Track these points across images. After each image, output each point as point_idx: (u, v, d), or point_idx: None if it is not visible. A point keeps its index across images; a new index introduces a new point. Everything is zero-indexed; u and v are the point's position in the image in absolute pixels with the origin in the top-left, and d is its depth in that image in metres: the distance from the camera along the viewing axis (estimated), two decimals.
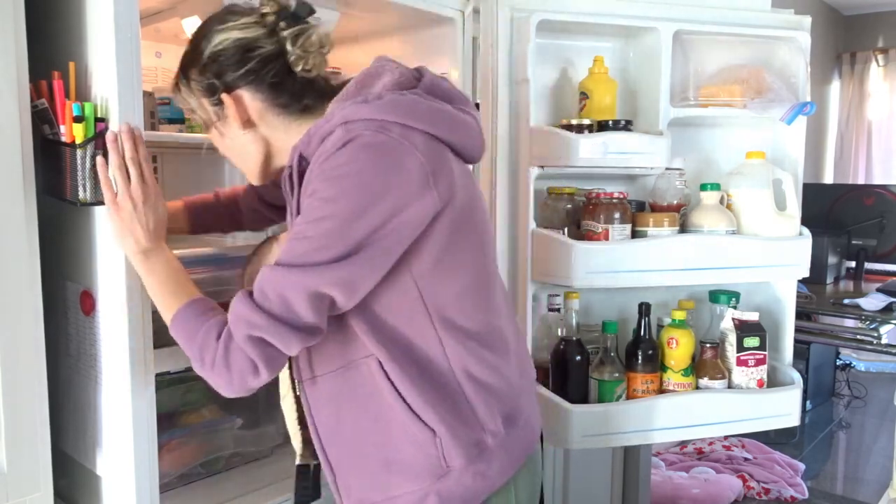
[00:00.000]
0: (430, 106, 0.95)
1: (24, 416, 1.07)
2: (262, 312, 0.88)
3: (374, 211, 0.87)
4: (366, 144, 0.89)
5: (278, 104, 1.03)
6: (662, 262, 1.53)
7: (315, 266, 0.87)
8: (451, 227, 0.94)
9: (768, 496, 3.01)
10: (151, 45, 1.67)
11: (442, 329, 0.96)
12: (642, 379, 1.58)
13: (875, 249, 3.23)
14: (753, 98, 1.62)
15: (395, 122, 0.91)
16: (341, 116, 0.93)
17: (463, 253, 0.97)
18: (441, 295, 0.96)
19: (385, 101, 0.93)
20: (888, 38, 5.14)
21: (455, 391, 0.97)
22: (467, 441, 0.96)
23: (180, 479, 1.39)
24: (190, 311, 0.98)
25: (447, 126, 0.96)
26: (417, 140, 0.91)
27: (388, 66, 1.01)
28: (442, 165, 0.93)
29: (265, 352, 0.90)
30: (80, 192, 1.07)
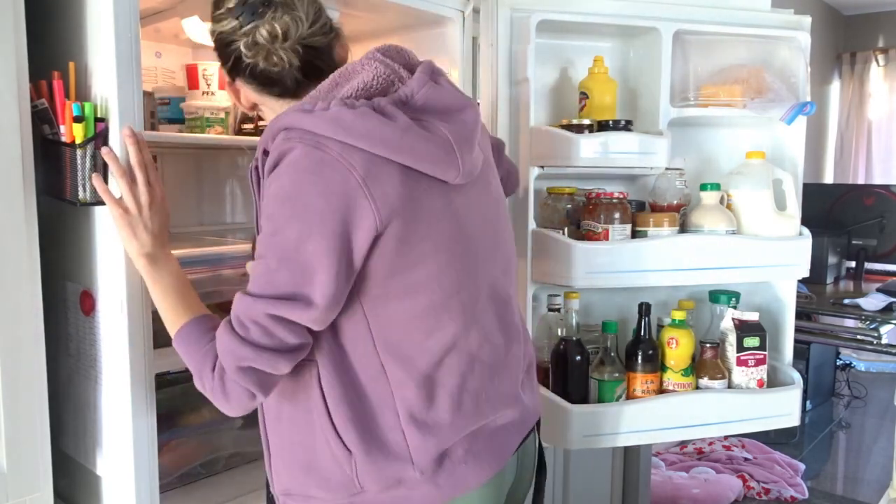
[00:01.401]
0: (377, 124, 0.89)
1: (24, 416, 1.07)
2: (246, 344, 0.89)
3: (315, 234, 0.86)
4: (299, 163, 0.87)
5: (271, 93, 1.03)
6: (662, 262, 1.53)
7: (278, 298, 0.88)
8: (398, 248, 0.90)
9: (768, 496, 3.01)
10: (151, 45, 1.68)
11: (387, 358, 0.94)
12: (642, 379, 1.58)
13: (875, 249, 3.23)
14: (753, 98, 1.62)
15: (332, 138, 0.87)
16: (286, 120, 0.91)
17: (416, 276, 0.93)
18: (388, 322, 0.94)
19: (327, 115, 0.88)
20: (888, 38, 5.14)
21: (387, 417, 0.95)
22: (385, 471, 0.95)
23: (180, 479, 1.39)
24: (191, 330, 0.98)
25: (393, 144, 0.89)
26: (356, 158, 0.87)
27: (370, 67, 0.95)
28: (383, 183, 0.88)
29: (257, 378, 0.90)
30: (80, 192, 1.07)
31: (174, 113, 1.56)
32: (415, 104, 0.95)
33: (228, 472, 1.46)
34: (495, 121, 1.57)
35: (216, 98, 1.53)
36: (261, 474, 1.46)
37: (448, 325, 0.97)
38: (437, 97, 0.97)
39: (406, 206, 0.90)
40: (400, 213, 0.89)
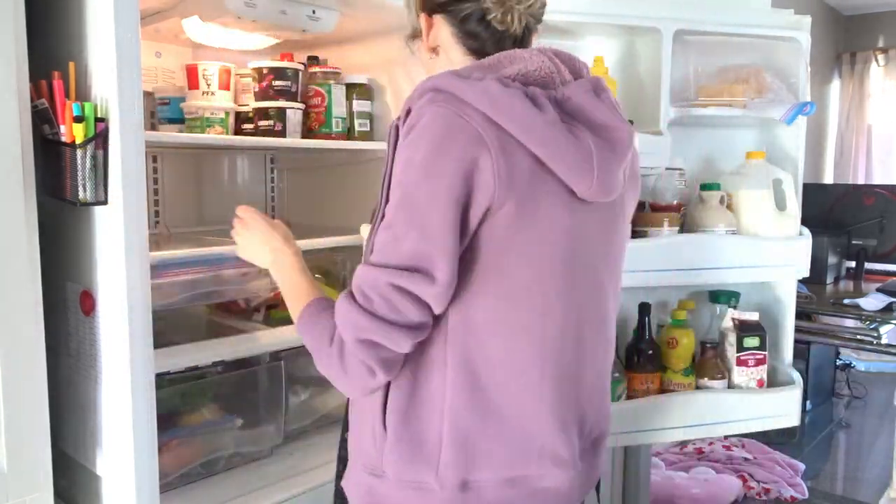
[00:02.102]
0: (524, 106, 0.86)
1: (24, 416, 1.07)
2: (368, 315, 0.86)
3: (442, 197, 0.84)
4: (438, 126, 0.85)
5: (467, 45, 0.99)
6: (662, 262, 1.53)
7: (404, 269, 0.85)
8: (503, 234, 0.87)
9: (768, 496, 3.00)
10: (151, 45, 1.67)
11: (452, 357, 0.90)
12: (642, 379, 1.58)
13: (875, 249, 3.23)
14: (753, 98, 1.62)
15: (475, 108, 0.85)
16: (436, 81, 0.89)
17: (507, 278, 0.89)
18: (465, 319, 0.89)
19: (479, 85, 0.87)
20: (888, 38, 5.14)
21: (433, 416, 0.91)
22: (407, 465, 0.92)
23: (180, 479, 1.39)
24: (307, 313, 0.97)
25: (533, 132, 0.86)
26: (492, 132, 0.85)
27: (536, 57, 0.93)
28: (512, 162, 0.85)
29: (378, 354, 0.87)
30: (80, 192, 1.07)
31: (174, 113, 1.56)
32: (569, 107, 0.91)
33: (228, 472, 1.46)
34: None
35: (216, 98, 1.53)
36: (261, 474, 1.46)
37: (524, 346, 0.91)
38: (594, 109, 0.92)
39: (525, 195, 0.87)
40: (517, 198, 0.86)
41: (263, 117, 1.58)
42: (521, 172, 0.86)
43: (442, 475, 0.91)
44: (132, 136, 1.10)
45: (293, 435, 1.60)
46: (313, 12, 1.49)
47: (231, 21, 1.45)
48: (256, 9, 1.39)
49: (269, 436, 1.53)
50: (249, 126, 1.62)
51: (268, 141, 1.61)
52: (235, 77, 1.58)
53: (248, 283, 1.44)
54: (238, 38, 1.58)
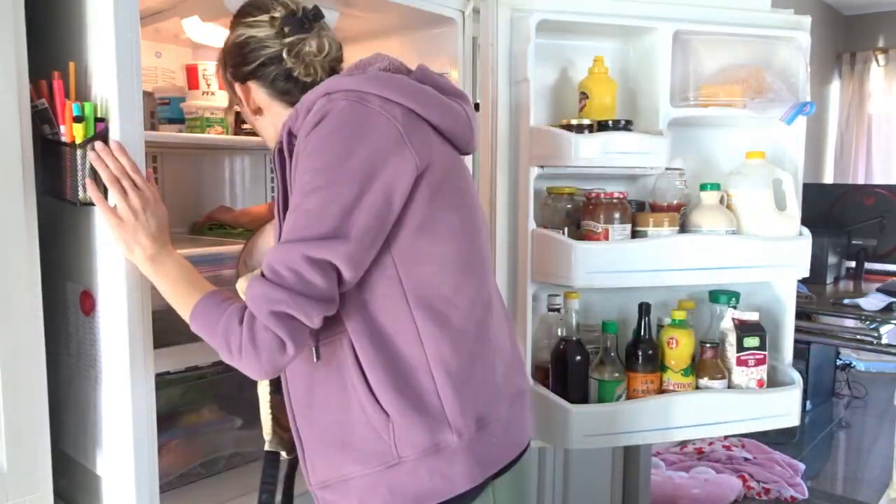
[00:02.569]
0: (413, 84, 0.99)
1: (24, 416, 1.07)
2: (280, 287, 0.89)
3: (358, 176, 0.91)
4: (343, 114, 0.93)
5: (284, 99, 1.10)
6: (662, 262, 1.53)
7: (317, 239, 0.89)
8: (430, 196, 0.96)
9: (768, 496, 3.00)
10: (151, 45, 1.67)
11: (419, 313, 0.96)
12: (642, 379, 1.58)
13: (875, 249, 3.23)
14: (753, 98, 1.62)
15: (374, 93, 0.95)
16: (324, 88, 0.98)
17: (442, 229, 0.98)
18: (418, 274, 0.96)
19: (368, 75, 0.98)
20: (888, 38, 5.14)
21: (423, 378, 0.96)
22: (423, 434, 0.95)
23: (180, 479, 1.39)
24: (208, 301, 0.98)
25: (429, 105, 0.99)
26: (396, 111, 0.95)
27: (382, 57, 1.06)
28: (419, 134, 0.96)
29: (289, 325, 0.90)
30: (80, 192, 1.07)
31: (174, 113, 1.56)
32: (428, 83, 1.03)
33: (228, 472, 1.46)
34: (495, 121, 1.57)
35: (216, 98, 1.53)
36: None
37: (472, 280, 1.02)
38: (445, 82, 1.07)
39: (436, 158, 0.98)
40: (432, 162, 0.96)
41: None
42: (427, 140, 0.97)
43: (455, 425, 0.96)
44: (132, 136, 1.10)
45: None
46: None
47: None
48: None
49: None
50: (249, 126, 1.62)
51: None
52: None
53: None
54: None
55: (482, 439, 0.99)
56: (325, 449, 1.00)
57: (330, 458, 1.00)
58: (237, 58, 1.10)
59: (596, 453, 2.25)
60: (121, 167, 1.06)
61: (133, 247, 1.05)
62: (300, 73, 1.07)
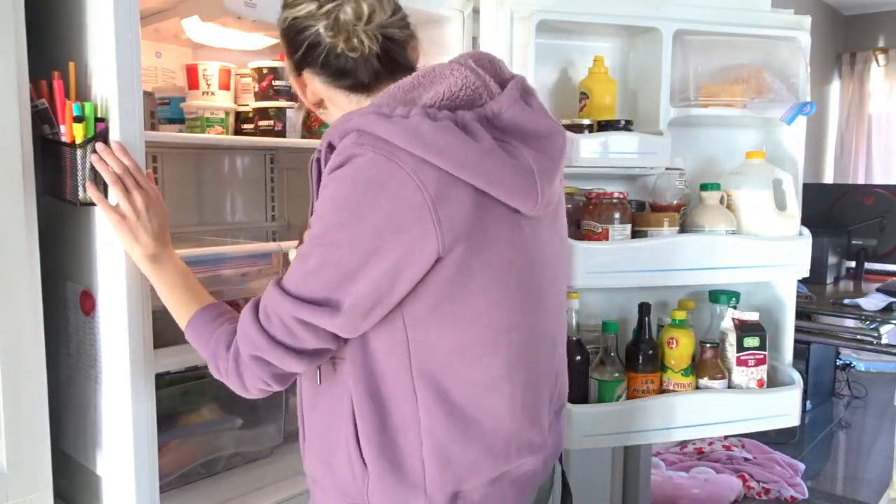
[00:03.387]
0: (458, 141, 0.82)
1: (24, 416, 1.07)
2: (265, 335, 0.87)
3: (364, 246, 0.81)
4: (366, 170, 0.81)
5: (342, 86, 0.96)
6: (662, 262, 1.53)
7: (309, 302, 0.84)
8: (457, 274, 0.84)
9: (768, 496, 3.00)
10: (151, 45, 1.67)
11: (421, 383, 0.88)
12: (642, 379, 1.58)
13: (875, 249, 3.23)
14: (753, 98, 1.62)
15: (406, 150, 0.81)
16: (359, 122, 0.85)
17: (469, 308, 0.87)
18: (429, 348, 0.88)
19: (406, 124, 0.82)
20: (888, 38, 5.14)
21: (410, 442, 0.90)
22: (396, 496, 0.91)
23: (180, 479, 1.39)
24: (202, 317, 0.98)
25: (471, 165, 0.82)
26: (428, 175, 0.81)
27: (458, 72, 0.88)
28: (453, 205, 0.82)
29: (270, 370, 0.89)
30: (80, 192, 1.07)
31: (174, 113, 1.56)
32: (501, 123, 0.88)
33: (228, 472, 1.46)
34: None
35: (216, 98, 1.53)
36: (261, 474, 1.46)
37: (493, 364, 0.90)
38: (526, 119, 0.90)
39: (473, 233, 0.84)
40: (465, 239, 0.83)
41: (263, 117, 1.58)
42: (463, 212, 0.83)
43: (431, 495, 0.91)
44: (132, 136, 1.10)
45: (293, 435, 1.59)
46: None
47: (231, 21, 1.44)
48: (256, 9, 1.39)
49: (269, 436, 1.53)
50: (249, 126, 1.62)
51: (268, 141, 1.61)
52: (235, 77, 1.58)
53: (248, 283, 1.44)
54: (238, 38, 1.58)
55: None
56: (317, 454, 1.00)
57: (317, 465, 1.00)
58: (288, 48, 0.98)
59: (596, 453, 2.25)
60: (123, 166, 1.06)
61: (134, 245, 1.05)
62: (344, 47, 0.92)
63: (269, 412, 1.53)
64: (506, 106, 0.89)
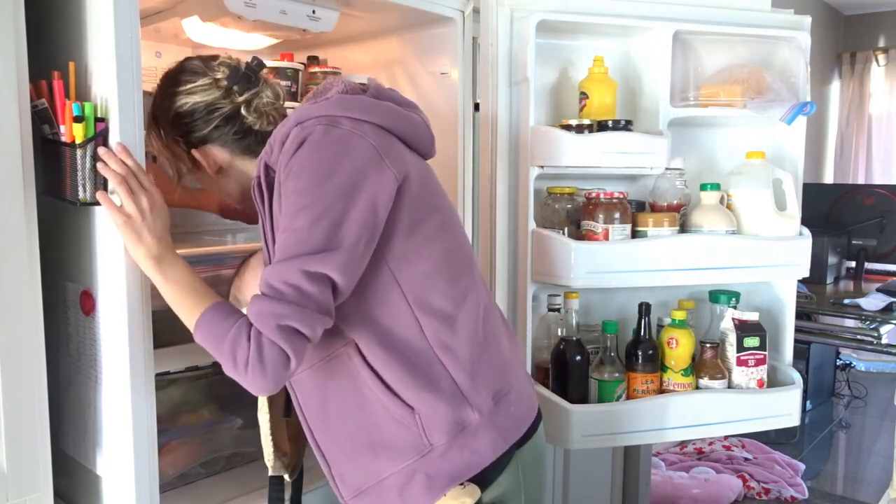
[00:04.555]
0: (375, 102, 1.04)
1: (24, 416, 1.07)
2: (283, 302, 0.91)
3: (342, 192, 0.94)
4: (320, 138, 0.96)
5: (245, 150, 1.16)
6: (662, 262, 1.53)
7: (311, 253, 0.91)
8: (412, 205, 1.01)
9: (768, 496, 3.00)
10: (151, 45, 1.68)
11: (418, 308, 1.00)
12: (642, 379, 1.58)
13: (875, 249, 3.23)
14: (753, 98, 1.62)
15: (343, 115, 0.99)
16: (295, 118, 1.02)
17: (428, 231, 1.03)
18: (412, 274, 1.00)
19: (333, 100, 1.02)
20: (888, 38, 5.14)
21: (435, 368, 1.00)
22: (448, 417, 0.99)
23: (180, 479, 1.39)
24: (215, 314, 0.99)
25: (393, 119, 1.04)
26: (366, 129, 0.99)
27: (337, 80, 1.10)
28: (392, 148, 1.01)
29: (295, 340, 0.91)
30: (80, 192, 1.07)
31: None
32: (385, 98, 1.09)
33: (228, 472, 1.46)
34: (495, 121, 1.58)
35: None
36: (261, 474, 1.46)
37: (464, 273, 1.07)
38: (398, 96, 1.13)
39: (410, 168, 1.02)
40: (408, 171, 1.01)
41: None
42: (400, 153, 1.02)
43: (475, 402, 1.02)
44: (132, 136, 1.10)
45: None
46: (313, 12, 1.49)
47: (231, 21, 1.45)
48: (256, 9, 1.39)
49: None
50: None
51: None
52: None
53: None
54: (238, 38, 1.58)
55: (500, 411, 1.05)
56: (354, 457, 1.03)
57: (361, 463, 1.02)
58: (185, 127, 1.14)
59: (596, 453, 2.25)
60: (126, 168, 1.07)
61: (138, 246, 1.05)
62: (261, 125, 1.14)
63: None
64: (379, 90, 1.11)
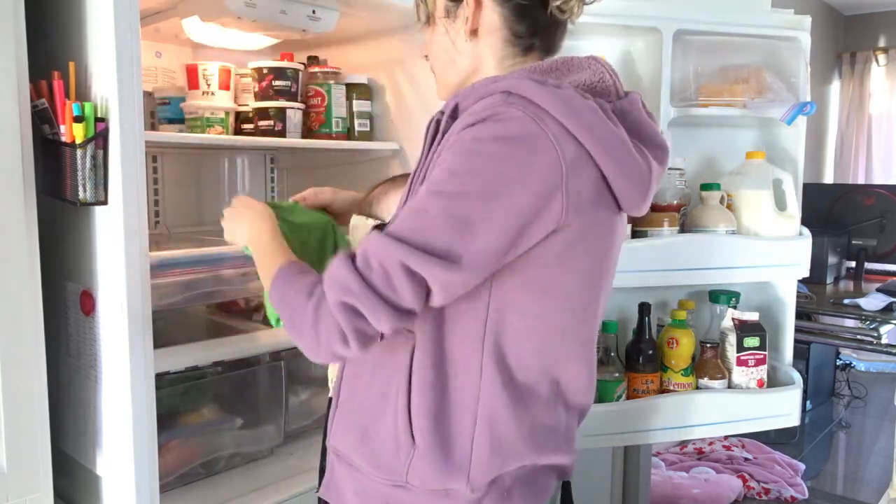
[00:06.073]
0: (603, 122, 0.84)
1: (24, 416, 1.07)
2: (361, 279, 0.81)
3: (494, 202, 0.79)
4: (511, 127, 0.81)
5: (513, 29, 0.94)
6: (662, 262, 1.53)
7: (423, 251, 0.79)
8: (556, 255, 0.85)
9: (768, 496, 3.00)
10: (151, 45, 1.67)
11: (489, 360, 0.87)
12: (642, 379, 1.58)
13: (875, 249, 3.23)
14: (753, 98, 1.62)
15: (555, 117, 0.81)
16: (508, 84, 0.85)
17: (555, 291, 0.88)
18: (507, 326, 0.87)
19: (559, 93, 0.83)
20: (888, 38, 5.14)
21: (465, 424, 0.89)
22: (439, 475, 0.89)
23: (180, 479, 1.39)
24: (288, 270, 0.92)
25: (611, 153, 0.84)
26: (569, 146, 0.81)
27: (595, 67, 0.91)
28: (581, 182, 0.83)
29: (355, 323, 0.81)
30: (80, 192, 1.07)
31: (174, 113, 1.56)
32: (626, 122, 0.90)
33: (228, 472, 1.46)
34: None
35: (216, 98, 1.53)
36: (261, 474, 1.46)
37: (559, 348, 0.91)
38: (647, 125, 0.93)
39: (588, 214, 0.85)
40: (580, 217, 0.84)
41: (263, 117, 1.58)
42: (588, 192, 0.84)
43: (473, 480, 0.89)
44: (132, 136, 1.10)
45: (293, 435, 1.60)
46: (313, 12, 1.49)
47: (231, 21, 1.45)
48: (256, 9, 1.39)
49: (269, 436, 1.53)
50: (249, 126, 1.62)
51: (268, 141, 1.61)
52: (235, 77, 1.58)
53: (248, 283, 1.44)
54: (238, 38, 1.58)
55: (490, 495, 0.92)
56: (350, 426, 0.96)
57: (349, 437, 0.97)
58: None
59: (596, 453, 2.25)
60: None
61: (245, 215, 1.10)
62: (559, 4, 0.91)
63: (269, 412, 1.53)
64: (632, 107, 0.91)
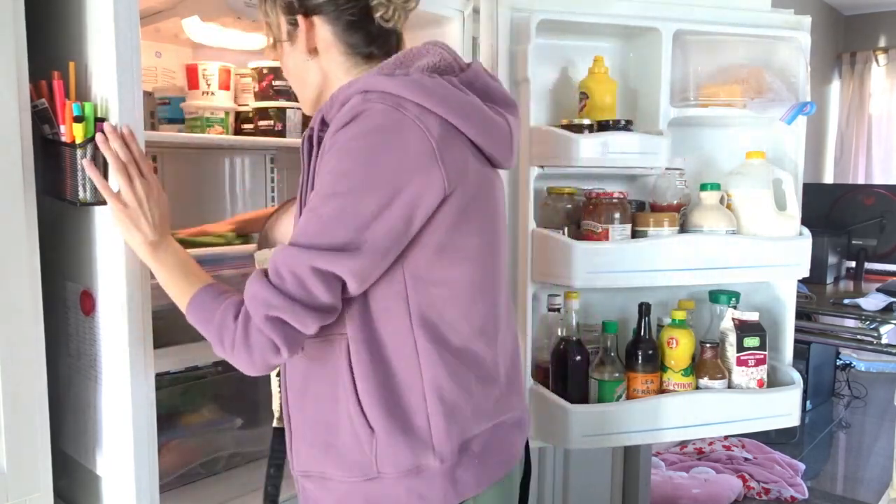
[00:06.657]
0: (456, 94, 0.92)
1: (24, 416, 1.07)
2: (279, 292, 0.88)
3: (380, 189, 0.87)
4: (376, 119, 0.88)
5: (347, 42, 1.01)
6: (662, 262, 1.53)
7: (328, 250, 0.86)
8: (454, 219, 0.91)
9: (768, 496, 3.00)
10: (151, 45, 1.67)
11: (420, 333, 0.93)
12: (642, 379, 1.58)
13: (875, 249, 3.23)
14: (753, 98, 1.62)
15: (412, 101, 0.89)
16: (363, 84, 0.92)
17: (460, 255, 0.94)
18: (427, 295, 0.93)
19: (409, 79, 0.91)
20: (888, 38, 5.14)
21: (414, 401, 0.94)
22: (406, 455, 0.93)
23: (180, 479, 1.39)
24: (205, 294, 0.97)
25: (469, 118, 0.93)
26: (432, 122, 0.89)
27: (434, 50, 0.98)
28: (453, 151, 0.90)
29: (284, 332, 0.88)
30: (80, 192, 1.07)
31: (174, 113, 1.56)
32: (477, 88, 0.98)
33: (228, 472, 1.46)
34: None
35: (216, 98, 1.53)
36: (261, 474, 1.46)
37: (480, 307, 0.98)
38: (495, 88, 1.02)
39: (467, 178, 0.92)
40: (462, 183, 0.91)
41: (263, 117, 1.58)
42: (462, 158, 0.92)
43: (439, 450, 0.94)
44: None
45: None
46: None
47: (231, 21, 1.45)
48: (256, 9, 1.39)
49: (268, 436, 1.53)
50: (249, 126, 1.62)
51: (268, 141, 1.61)
52: (235, 77, 1.58)
53: None
54: (238, 38, 1.58)
55: (462, 463, 0.97)
56: (311, 443, 1.00)
57: (313, 454, 1.00)
58: None
59: (596, 453, 2.25)
60: (128, 154, 1.06)
61: (134, 233, 1.04)
62: (382, 15, 0.99)
63: (269, 412, 1.53)
64: (477, 75, 1.00)
